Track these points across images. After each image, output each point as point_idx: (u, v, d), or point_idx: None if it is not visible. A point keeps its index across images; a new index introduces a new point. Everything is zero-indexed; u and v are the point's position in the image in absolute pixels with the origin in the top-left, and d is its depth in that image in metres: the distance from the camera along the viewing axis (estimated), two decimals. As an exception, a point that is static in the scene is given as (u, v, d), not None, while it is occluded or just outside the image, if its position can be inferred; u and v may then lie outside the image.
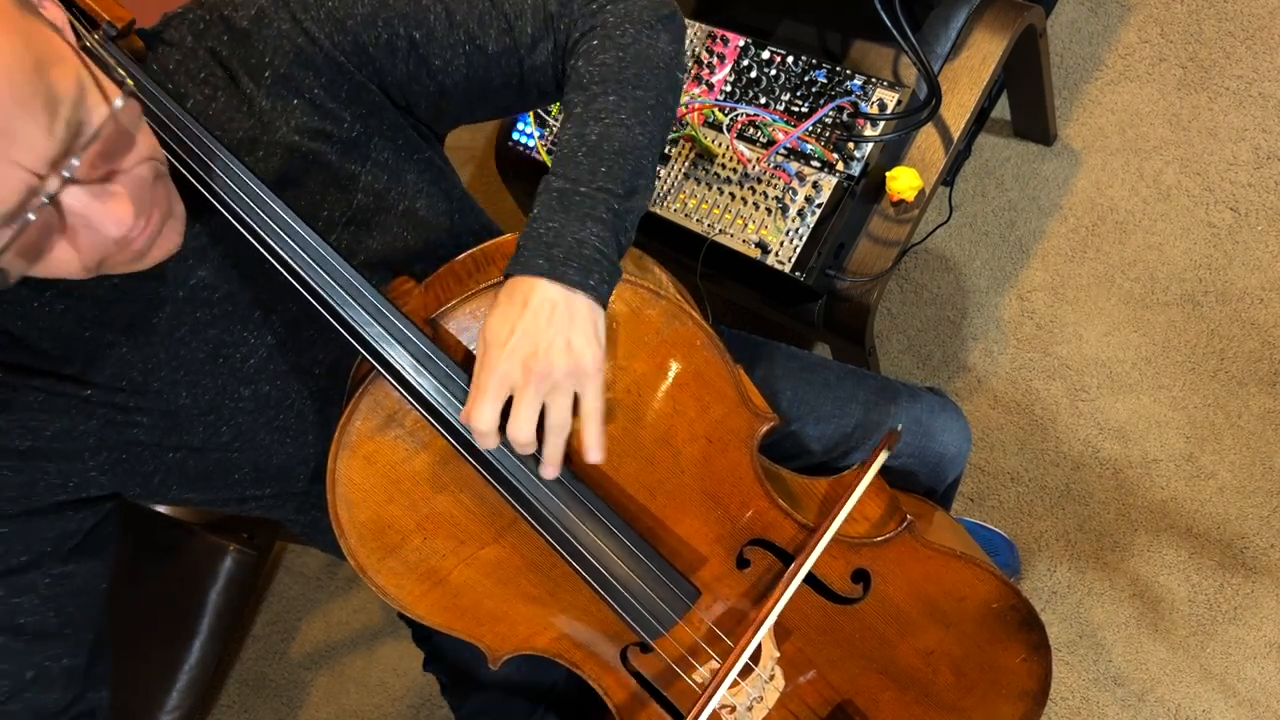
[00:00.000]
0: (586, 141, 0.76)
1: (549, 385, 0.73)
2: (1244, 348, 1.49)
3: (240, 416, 0.85)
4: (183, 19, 0.81)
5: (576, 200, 0.74)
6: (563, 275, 0.72)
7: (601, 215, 0.74)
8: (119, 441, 0.83)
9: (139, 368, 0.81)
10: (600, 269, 0.73)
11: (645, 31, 0.81)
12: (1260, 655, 1.39)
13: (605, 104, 0.77)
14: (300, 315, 0.85)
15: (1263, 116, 1.55)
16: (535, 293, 0.72)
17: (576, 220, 0.73)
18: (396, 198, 0.87)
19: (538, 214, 0.75)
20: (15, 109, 0.57)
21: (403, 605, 0.86)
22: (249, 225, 0.75)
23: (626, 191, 0.76)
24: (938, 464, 1.09)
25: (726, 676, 0.84)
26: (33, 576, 0.81)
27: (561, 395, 0.74)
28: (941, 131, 1.23)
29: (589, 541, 0.82)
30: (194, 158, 0.75)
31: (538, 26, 0.82)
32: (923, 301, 1.69)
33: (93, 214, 0.63)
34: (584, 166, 0.75)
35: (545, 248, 0.73)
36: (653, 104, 0.79)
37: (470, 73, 0.84)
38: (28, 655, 0.81)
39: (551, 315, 0.72)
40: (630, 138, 0.77)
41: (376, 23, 0.81)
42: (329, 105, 0.82)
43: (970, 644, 0.96)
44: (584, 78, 0.79)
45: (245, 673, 1.98)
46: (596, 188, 0.74)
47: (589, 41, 0.80)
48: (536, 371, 0.71)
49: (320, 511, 0.89)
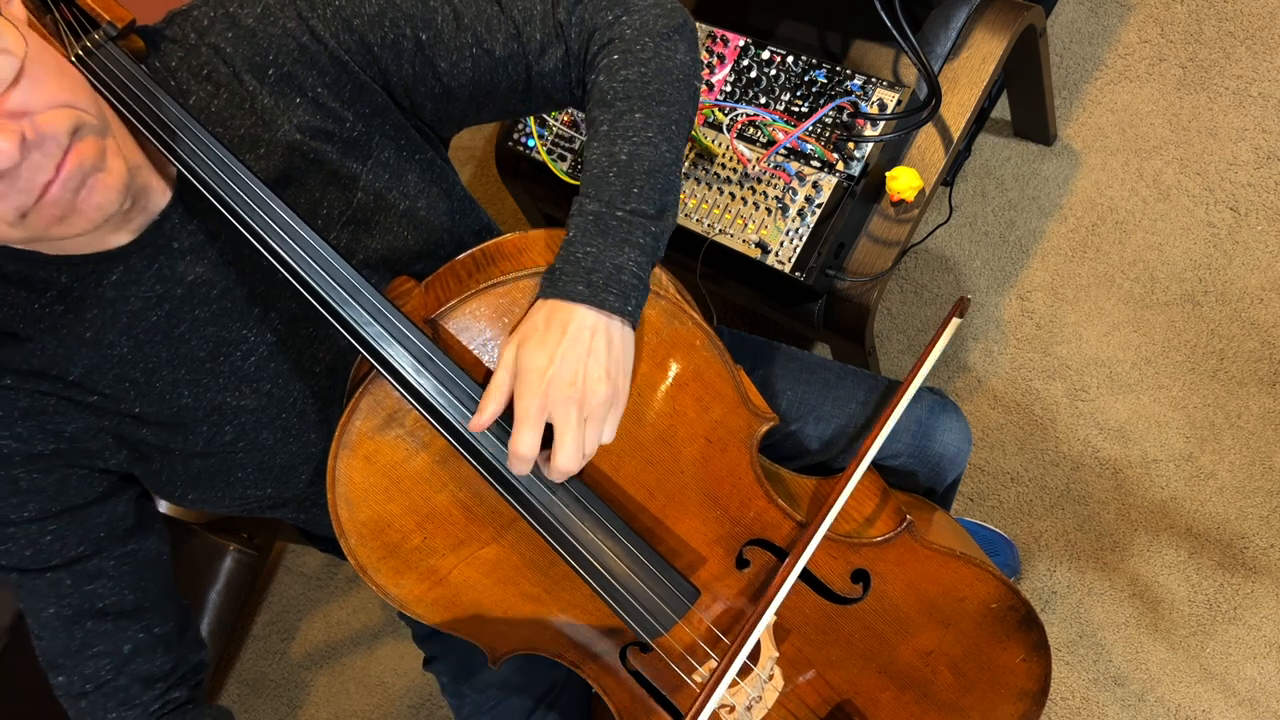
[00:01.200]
0: (617, 161, 0.76)
1: (586, 413, 0.73)
2: (1244, 348, 1.49)
3: (243, 416, 0.86)
4: (187, 15, 0.82)
5: (614, 225, 0.75)
6: (603, 302, 0.73)
7: (639, 240, 0.75)
8: (131, 442, 0.85)
9: (140, 368, 0.82)
10: (638, 294, 0.75)
11: (664, 44, 0.81)
12: (1260, 655, 1.39)
13: (632, 121, 0.77)
14: (299, 313, 0.85)
15: (1263, 116, 1.55)
16: (574, 320, 0.73)
17: (614, 245, 0.74)
18: (397, 197, 0.87)
19: (574, 237, 0.75)
20: None
21: (402, 604, 0.87)
22: (245, 222, 0.75)
23: (658, 211, 0.77)
24: (938, 464, 1.09)
25: (725, 675, 0.84)
26: (98, 563, 0.85)
27: (595, 424, 0.74)
28: (941, 131, 1.23)
29: (588, 541, 0.83)
30: (192, 156, 0.75)
31: (547, 33, 0.82)
32: (923, 301, 1.69)
33: None
34: (616, 188, 0.75)
35: (585, 273, 0.73)
36: (676, 119, 0.79)
37: (476, 76, 0.84)
38: (119, 633, 0.87)
39: (591, 343, 0.72)
40: (659, 156, 0.77)
41: (383, 22, 0.81)
42: (331, 104, 0.82)
43: (970, 644, 0.96)
44: (607, 94, 0.79)
45: (245, 673, 1.98)
46: (631, 210, 0.75)
47: (609, 56, 0.80)
48: (576, 400, 0.72)
49: (321, 511, 0.89)
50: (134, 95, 0.75)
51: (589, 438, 0.74)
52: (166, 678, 0.90)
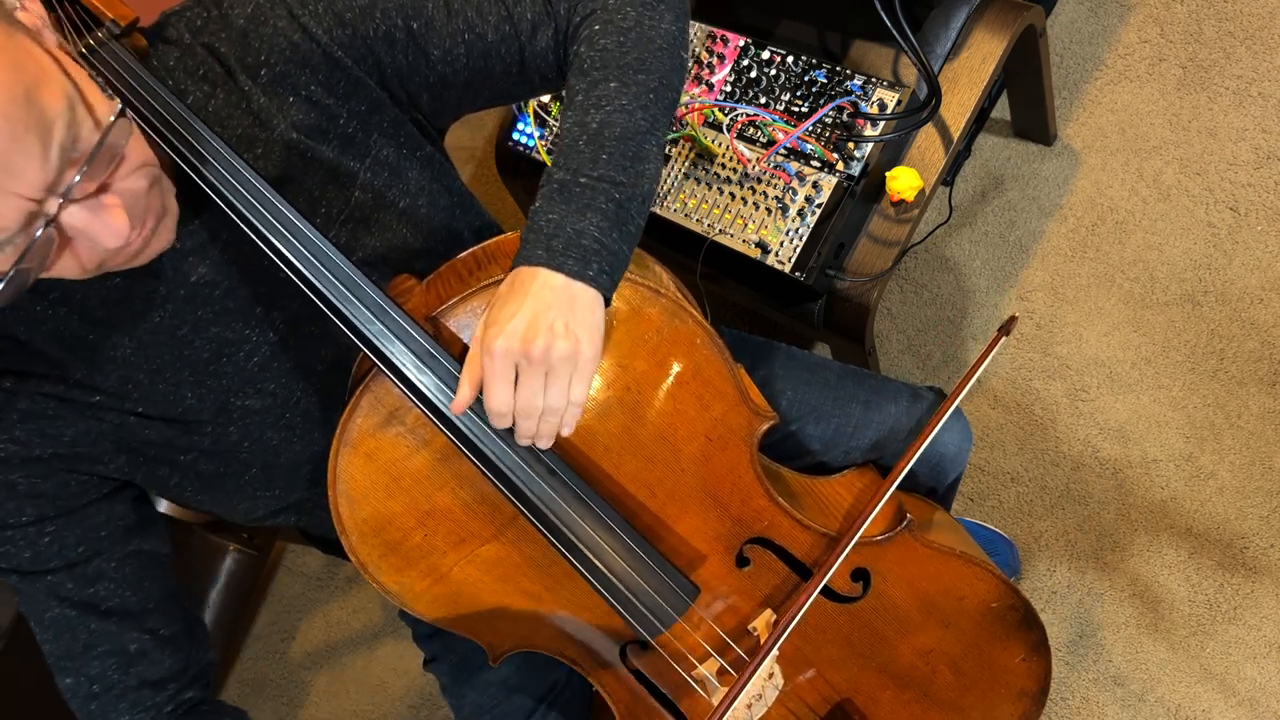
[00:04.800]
0: (587, 130, 0.75)
1: (546, 366, 0.72)
2: (1244, 348, 1.49)
3: (247, 416, 0.86)
4: (181, 16, 0.81)
5: (576, 191, 0.74)
6: (562, 265, 0.72)
7: (601, 205, 0.74)
8: (134, 444, 0.84)
9: (144, 369, 0.81)
10: (600, 259, 0.73)
11: (648, 13, 0.80)
12: (1260, 655, 1.39)
13: (606, 90, 0.77)
14: (301, 312, 0.85)
15: (1263, 116, 1.55)
16: (534, 281, 0.72)
17: (576, 211, 0.73)
18: (397, 195, 0.87)
19: (539, 206, 0.75)
20: (11, 145, 0.59)
21: (403, 602, 0.87)
22: (249, 221, 0.75)
23: (630, 179, 0.75)
24: (938, 464, 1.09)
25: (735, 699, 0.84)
26: (98, 564, 0.85)
27: (558, 379, 0.73)
28: (941, 131, 1.23)
29: (588, 538, 0.83)
30: (195, 154, 0.75)
31: (537, 12, 0.82)
32: (923, 301, 1.69)
33: (90, 228, 0.65)
34: (585, 155, 0.75)
35: (545, 239, 0.73)
36: (655, 87, 0.78)
37: (470, 62, 0.83)
38: (124, 633, 0.87)
39: (550, 300, 0.72)
40: (631, 123, 0.76)
41: (375, 14, 0.81)
42: (326, 102, 0.82)
43: (969, 643, 0.96)
44: (584, 63, 0.78)
45: (245, 673, 1.98)
46: (597, 176, 0.74)
47: (590, 26, 0.80)
48: (536, 353, 0.71)
49: (324, 510, 0.89)
50: (138, 94, 0.75)
51: (552, 393, 0.73)
52: (177, 678, 0.90)
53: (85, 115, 0.64)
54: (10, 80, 0.59)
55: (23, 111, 0.59)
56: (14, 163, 0.59)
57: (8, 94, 0.59)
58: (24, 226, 0.62)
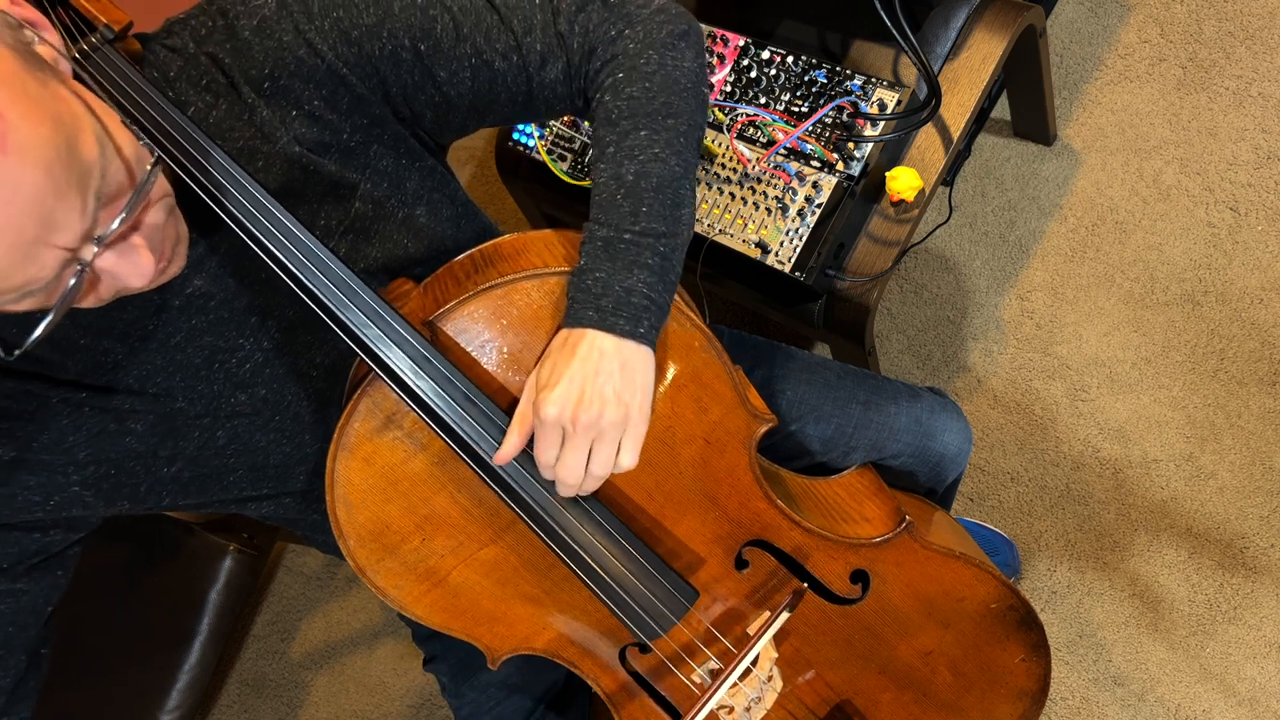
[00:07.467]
0: (624, 183, 0.76)
1: (595, 433, 0.75)
2: (1244, 348, 1.49)
3: (236, 420, 0.85)
4: (185, 24, 0.80)
5: (621, 248, 0.75)
6: (613, 326, 0.73)
7: (647, 260, 0.75)
8: (110, 453, 0.82)
9: (134, 373, 0.81)
10: (650, 315, 0.75)
11: (670, 54, 0.80)
12: (1260, 655, 1.39)
13: (637, 140, 0.77)
14: (297, 320, 0.85)
15: (1263, 116, 1.54)
16: (584, 343, 0.74)
17: (623, 269, 0.74)
18: (396, 205, 0.86)
19: (584, 265, 0.76)
20: (56, 202, 0.59)
21: (401, 605, 0.86)
22: (246, 227, 0.75)
23: (671, 227, 0.76)
24: (938, 464, 1.09)
25: (723, 683, 0.84)
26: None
27: (606, 444, 0.75)
28: (941, 131, 1.23)
29: (586, 542, 0.82)
30: (196, 165, 0.74)
31: (547, 45, 0.81)
32: (923, 301, 1.69)
33: (118, 269, 0.66)
34: (624, 210, 0.75)
35: (594, 299, 0.74)
36: (685, 130, 0.79)
37: (476, 86, 0.83)
38: None
39: (600, 364, 0.73)
40: (667, 171, 0.77)
41: (381, 33, 0.80)
42: (329, 117, 0.81)
43: (969, 644, 0.96)
44: (612, 113, 0.78)
45: (245, 673, 1.98)
46: (640, 230, 0.75)
47: (613, 74, 0.79)
48: (585, 420, 0.73)
49: (319, 511, 0.89)
50: (132, 100, 0.74)
51: (598, 458, 0.76)
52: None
53: (114, 153, 0.64)
54: (53, 136, 0.59)
55: (65, 168, 0.59)
56: (57, 219, 0.60)
57: (54, 152, 0.58)
58: (60, 273, 0.63)
